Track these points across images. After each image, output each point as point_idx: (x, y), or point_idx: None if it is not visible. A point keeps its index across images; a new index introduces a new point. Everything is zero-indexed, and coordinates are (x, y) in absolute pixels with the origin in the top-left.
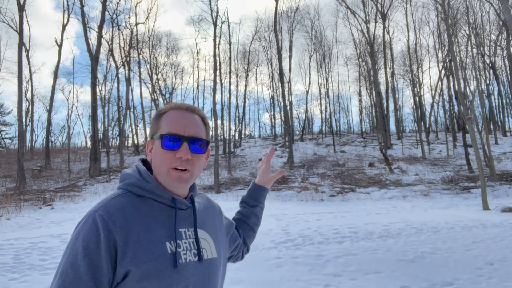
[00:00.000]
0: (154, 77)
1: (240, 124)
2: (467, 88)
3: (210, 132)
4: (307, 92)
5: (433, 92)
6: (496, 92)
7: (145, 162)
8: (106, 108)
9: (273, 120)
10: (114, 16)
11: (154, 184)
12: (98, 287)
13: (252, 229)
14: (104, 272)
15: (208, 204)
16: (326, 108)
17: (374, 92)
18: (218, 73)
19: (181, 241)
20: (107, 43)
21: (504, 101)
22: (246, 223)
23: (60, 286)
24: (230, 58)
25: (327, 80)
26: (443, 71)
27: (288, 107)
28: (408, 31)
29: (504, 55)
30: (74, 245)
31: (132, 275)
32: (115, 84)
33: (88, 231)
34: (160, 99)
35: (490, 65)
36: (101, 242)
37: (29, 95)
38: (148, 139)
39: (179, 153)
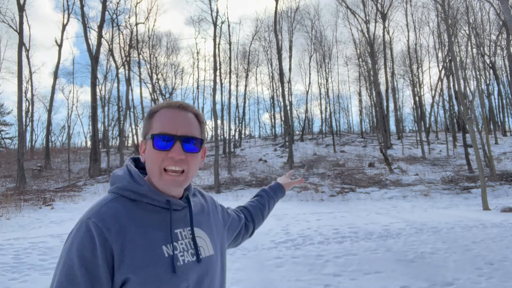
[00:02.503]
0: (154, 77)
1: (240, 124)
2: (467, 88)
3: (206, 130)
4: (307, 92)
5: (433, 92)
6: (496, 92)
7: (137, 161)
8: (106, 108)
9: (273, 120)
10: (114, 16)
11: (147, 187)
12: None
13: (263, 217)
14: (103, 281)
15: (201, 200)
16: (326, 108)
17: (374, 92)
18: (218, 73)
19: (177, 242)
20: (107, 43)
21: (504, 101)
22: (260, 210)
23: None
24: (230, 58)
25: (327, 80)
26: (443, 71)
27: (288, 107)
28: (408, 31)
29: (504, 55)
30: (68, 255)
31: (131, 283)
32: (115, 84)
33: (82, 239)
34: (160, 99)
35: (490, 65)
36: (97, 251)
37: (29, 95)
38: (141, 139)
39: (172, 153)
